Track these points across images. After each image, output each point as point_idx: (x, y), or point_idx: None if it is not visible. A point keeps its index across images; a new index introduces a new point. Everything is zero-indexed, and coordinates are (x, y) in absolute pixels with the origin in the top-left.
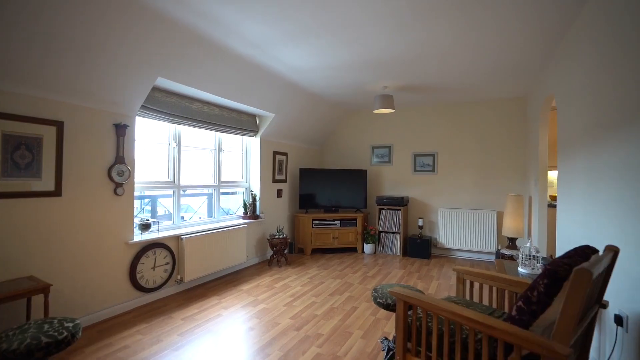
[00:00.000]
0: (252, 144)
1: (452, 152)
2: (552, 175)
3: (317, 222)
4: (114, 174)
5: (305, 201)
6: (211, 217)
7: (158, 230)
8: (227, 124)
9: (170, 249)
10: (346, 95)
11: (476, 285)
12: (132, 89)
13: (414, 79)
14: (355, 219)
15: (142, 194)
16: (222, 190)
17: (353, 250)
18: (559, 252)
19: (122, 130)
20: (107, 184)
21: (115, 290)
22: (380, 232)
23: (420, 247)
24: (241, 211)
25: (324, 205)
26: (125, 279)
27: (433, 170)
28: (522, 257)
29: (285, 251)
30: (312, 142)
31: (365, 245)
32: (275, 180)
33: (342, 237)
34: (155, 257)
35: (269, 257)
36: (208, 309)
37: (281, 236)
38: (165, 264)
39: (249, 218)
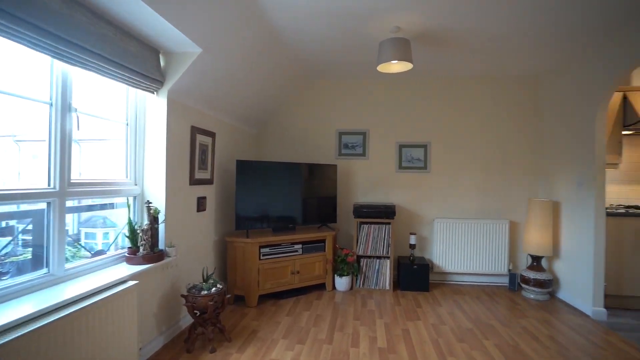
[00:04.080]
0: (149, 109)
1: (450, 143)
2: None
3: (266, 249)
4: None
5: (246, 217)
6: (43, 269)
7: None
8: (89, 46)
9: None
10: (326, 40)
11: None
12: None
13: (445, 16)
14: (324, 240)
15: None
16: (71, 202)
17: (319, 287)
18: None
19: None
20: None
21: None
22: (360, 257)
23: (416, 275)
24: (122, 244)
25: (276, 222)
26: None
27: (425, 168)
28: None
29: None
30: (251, 120)
31: (337, 278)
32: (194, 181)
33: (304, 269)
34: None
35: (186, 329)
36: None
37: (213, 290)
38: None
39: (145, 260)
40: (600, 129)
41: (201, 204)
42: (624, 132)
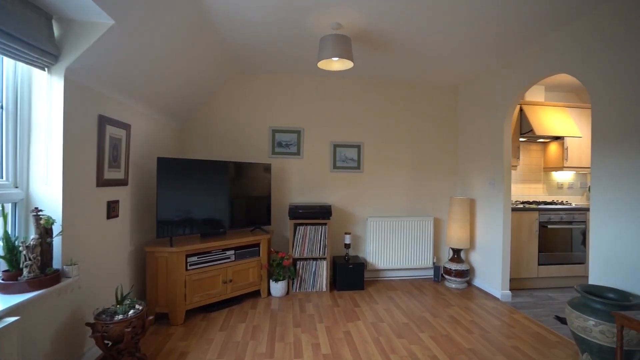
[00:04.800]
0: (37, 89)
1: (381, 144)
2: (557, 176)
3: (194, 258)
4: None
5: (169, 223)
6: None
7: None
8: None
9: None
10: (262, 30)
11: None
12: None
13: (383, 17)
14: (258, 245)
15: None
16: None
17: (254, 295)
18: (599, 269)
19: None
20: None
21: None
22: (296, 259)
23: (352, 274)
24: None
25: (205, 227)
26: None
27: (358, 167)
28: None
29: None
30: (174, 112)
31: (273, 284)
32: (103, 182)
33: (238, 277)
34: None
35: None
36: None
37: (131, 312)
38: None
39: (32, 286)
40: (507, 135)
41: (113, 209)
42: (520, 139)
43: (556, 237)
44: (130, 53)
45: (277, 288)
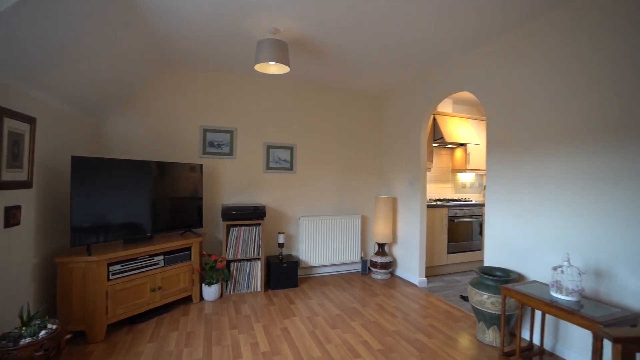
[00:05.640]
0: None
1: (313, 146)
2: (462, 177)
3: (118, 267)
4: None
5: (85, 229)
6: None
7: None
8: None
9: None
10: (196, 26)
11: None
12: None
13: (319, 27)
14: (189, 248)
15: None
16: None
17: (185, 301)
18: (491, 253)
19: None
20: None
21: None
22: (229, 261)
23: (286, 272)
24: None
25: (128, 232)
26: None
27: (291, 169)
28: (567, 281)
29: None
30: (90, 106)
31: (205, 288)
32: (0, 185)
33: (167, 284)
34: None
35: None
36: None
37: (42, 333)
38: None
39: None
40: (423, 142)
41: (13, 216)
42: (434, 145)
43: (461, 229)
44: (34, 32)
45: (210, 292)
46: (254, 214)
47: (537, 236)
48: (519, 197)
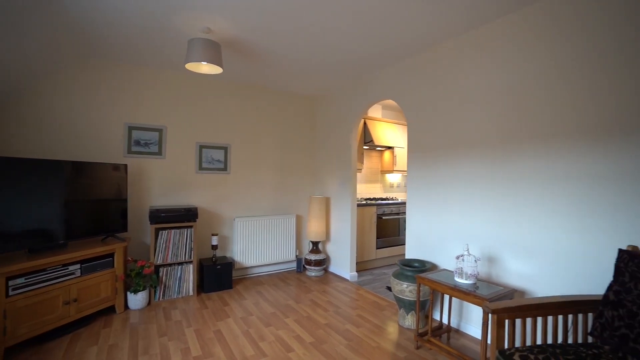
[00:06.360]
0: None
1: (248, 146)
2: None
3: (21, 280)
4: None
5: None
6: None
7: None
8: None
9: None
10: (122, 16)
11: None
12: None
13: (254, 31)
14: (112, 254)
15: None
16: None
17: (107, 312)
18: (411, 246)
19: None
20: None
21: None
22: (158, 266)
23: (220, 275)
24: None
25: (33, 239)
26: None
27: (225, 169)
28: (466, 268)
29: None
30: None
31: (131, 296)
32: None
33: (85, 295)
34: None
35: None
36: None
37: None
38: None
39: None
40: (353, 144)
41: None
42: (364, 147)
43: (388, 226)
44: None
45: (137, 300)
46: (186, 216)
47: (446, 230)
48: (433, 196)
